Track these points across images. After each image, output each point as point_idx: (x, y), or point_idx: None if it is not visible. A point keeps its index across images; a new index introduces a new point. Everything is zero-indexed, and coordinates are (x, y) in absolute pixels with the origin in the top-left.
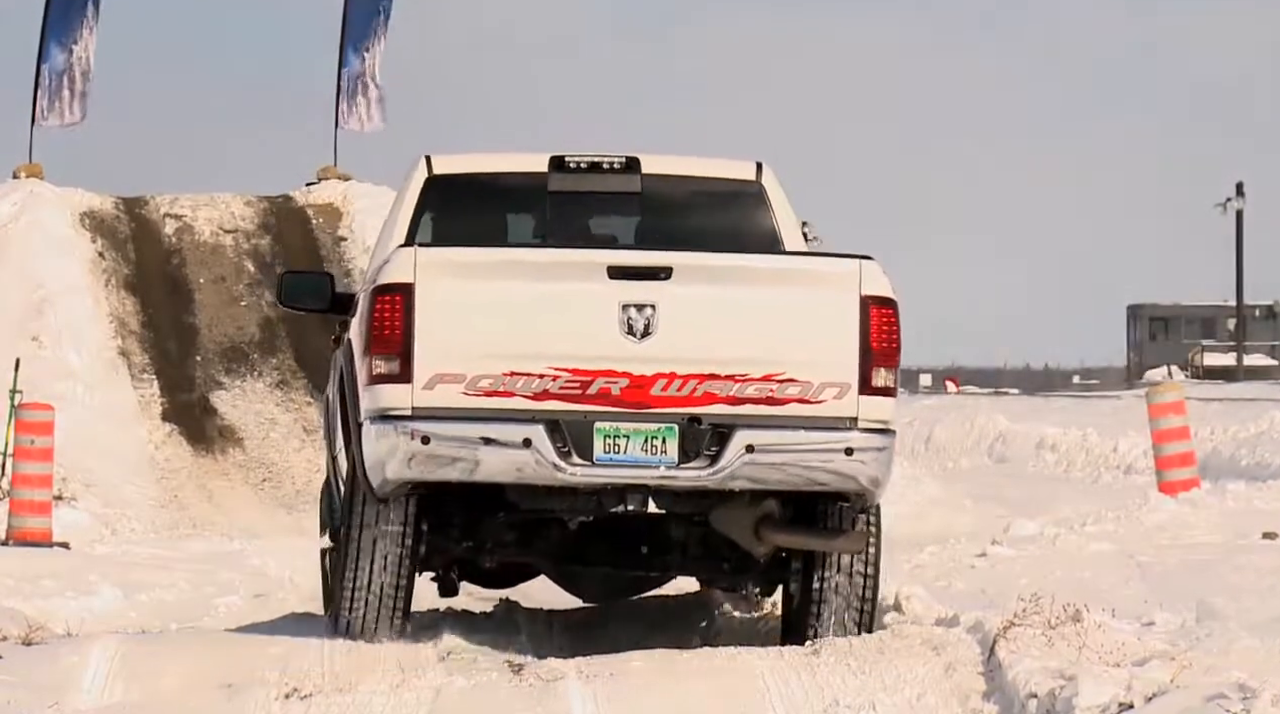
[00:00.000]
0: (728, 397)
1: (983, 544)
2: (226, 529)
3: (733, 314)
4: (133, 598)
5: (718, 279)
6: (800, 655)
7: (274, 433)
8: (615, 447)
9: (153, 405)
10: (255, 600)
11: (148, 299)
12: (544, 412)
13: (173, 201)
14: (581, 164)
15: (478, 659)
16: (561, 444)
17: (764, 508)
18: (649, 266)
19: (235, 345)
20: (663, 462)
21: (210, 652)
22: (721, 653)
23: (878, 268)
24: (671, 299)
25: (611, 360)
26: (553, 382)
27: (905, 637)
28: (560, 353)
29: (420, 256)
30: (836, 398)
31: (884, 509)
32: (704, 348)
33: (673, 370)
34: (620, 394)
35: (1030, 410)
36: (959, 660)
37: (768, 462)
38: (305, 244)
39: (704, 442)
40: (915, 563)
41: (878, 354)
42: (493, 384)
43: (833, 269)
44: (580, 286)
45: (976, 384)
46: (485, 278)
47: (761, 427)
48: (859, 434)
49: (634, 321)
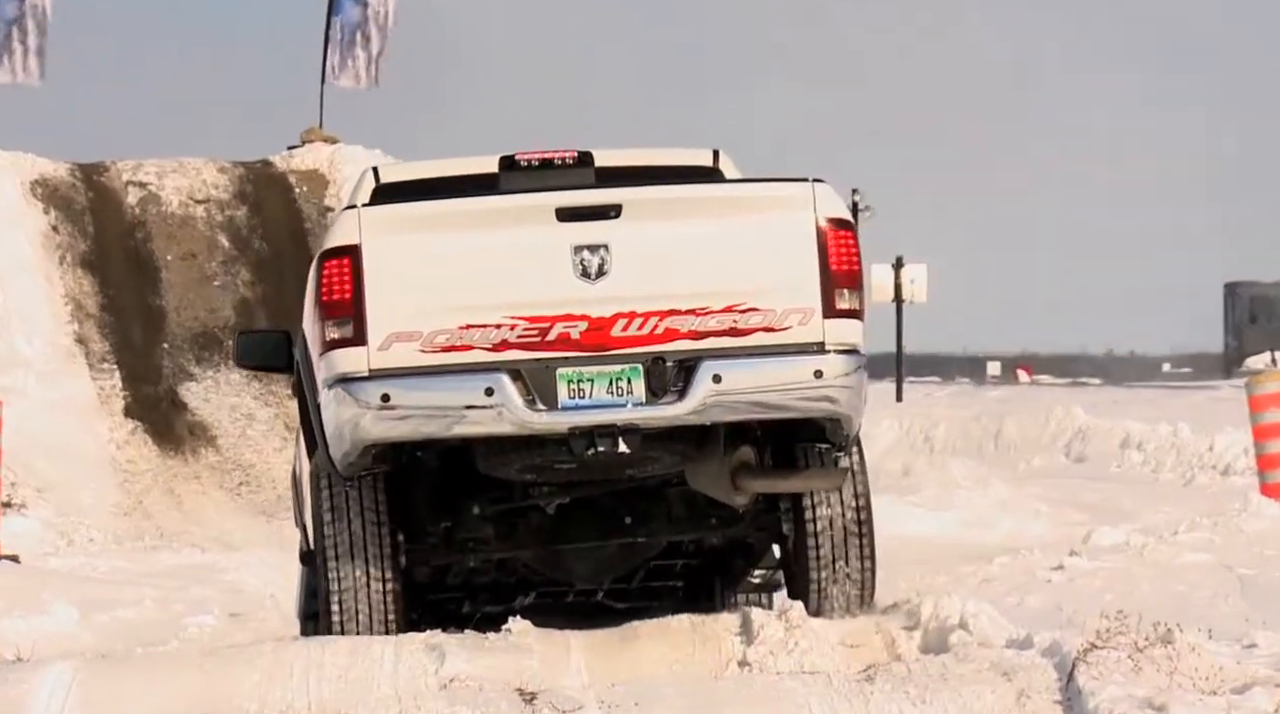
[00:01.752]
0: (690, 331)
1: (1059, 555)
2: (198, 540)
3: (688, 247)
4: (91, 618)
5: (669, 213)
6: (851, 683)
7: (251, 430)
8: (580, 391)
9: (114, 399)
10: (231, 620)
11: (108, 278)
12: (504, 362)
13: (136, 168)
14: (533, 162)
15: (484, 687)
16: (525, 392)
17: (739, 456)
18: (598, 205)
19: (207, 330)
20: (629, 401)
21: (179, 680)
22: (762, 680)
23: (830, 190)
24: (624, 237)
25: (568, 304)
26: (510, 331)
27: (971, 660)
28: (515, 301)
29: (365, 216)
30: (801, 323)
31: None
32: (661, 284)
33: (632, 309)
34: (580, 338)
35: (1113, 403)
36: (1033, 688)
37: (736, 392)
38: (287, 215)
39: (670, 378)
40: (982, 576)
41: (839, 276)
42: (450, 338)
43: (785, 193)
44: (530, 232)
45: (1052, 373)
46: (432, 231)
47: (727, 358)
48: (827, 357)
49: (588, 263)
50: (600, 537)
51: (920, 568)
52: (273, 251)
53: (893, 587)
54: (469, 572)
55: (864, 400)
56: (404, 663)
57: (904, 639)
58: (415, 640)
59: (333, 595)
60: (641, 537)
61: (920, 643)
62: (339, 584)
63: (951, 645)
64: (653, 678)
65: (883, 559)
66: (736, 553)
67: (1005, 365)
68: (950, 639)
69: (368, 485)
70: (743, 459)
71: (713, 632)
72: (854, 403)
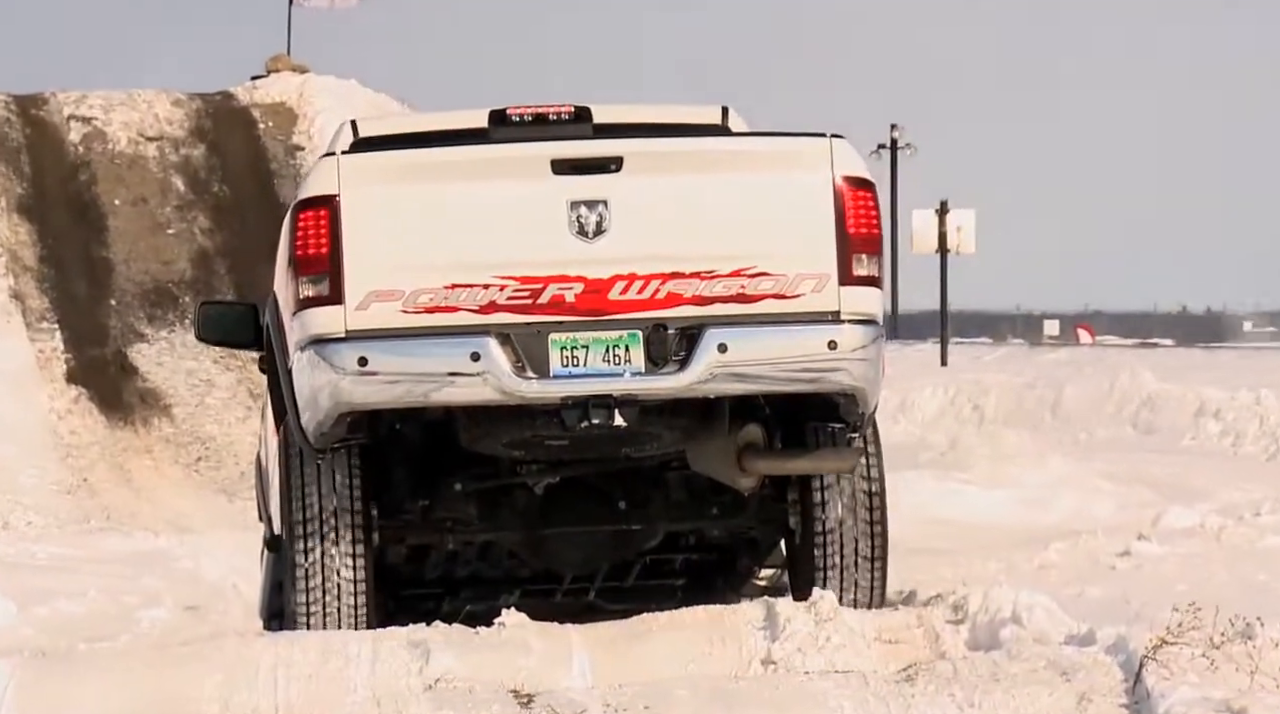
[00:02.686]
0: (694, 296)
1: (1126, 539)
2: (150, 522)
3: (694, 205)
4: (30, 611)
5: (675, 167)
6: (890, 684)
7: (211, 398)
8: (573, 359)
9: (54, 363)
10: (188, 613)
11: (47, 226)
12: (493, 325)
13: (79, 100)
14: (525, 117)
15: (475, 689)
16: (514, 359)
17: (746, 435)
18: (597, 157)
19: (160, 285)
20: (627, 371)
21: (130, 680)
22: (789, 679)
23: (849, 147)
24: (625, 193)
25: (563, 264)
26: (500, 292)
27: (1025, 659)
28: (506, 260)
29: (344, 164)
30: (815, 291)
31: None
32: (664, 244)
33: (631, 271)
34: (575, 301)
35: (1187, 367)
36: (1095, 689)
37: (743, 363)
38: (250, 155)
39: (671, 346)
40: (1039, 563)
41: (857, 240)
42: (434, 299)
43: (801, 149)
44: (523, 185)
45: (1117, 333)
46: (417, 182)
47: (734, 326)
48: (842, 327)
49: (585, 220)
50: (592, 522)
51: (968, 554)
52: (234, 195)
53: (936, 575)
54: (448, 560)
55: (881, 375)
56: (383, 661)
57: (949, 634)
58: (396, 636)
59: (299, 579)
60: (637, 524)
61: (968, 638)
62: (306, 567)
63: (1003, 641)
64: (665, 678)
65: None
66: (741, 549)
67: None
68: (1002, 634)
69: (341, 458)
70: (749, 438)
71: (733, 626)
72: (870, 378)
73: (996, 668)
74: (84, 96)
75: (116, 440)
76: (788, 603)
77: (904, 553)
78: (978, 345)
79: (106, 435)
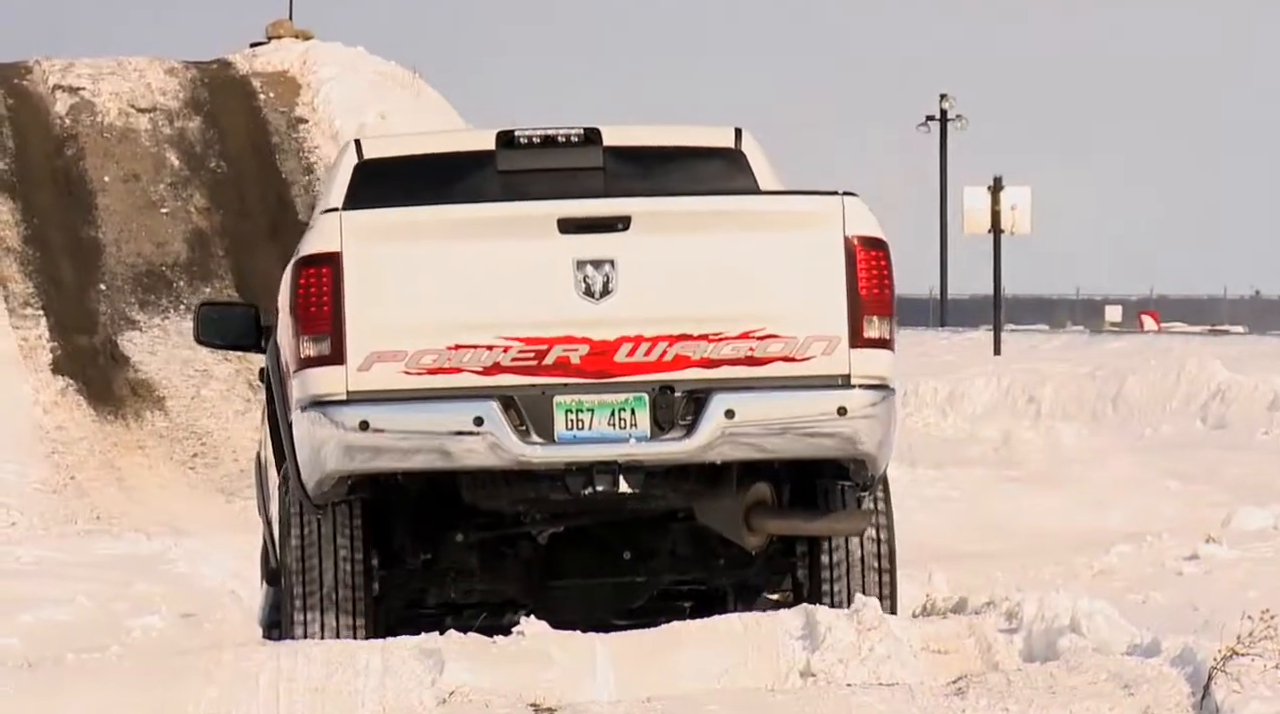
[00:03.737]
0: (702, 359)
1: (1193, 542)
2: (142, 523)
3: (702, 265)
4: (14, 618)
5: (683, 226)
6: (938, 697)
7: (207, 390)
8: (578, 422)
9: (39, 352)
10: (183, 622)
11: (31, 205)
12: (496, 387)
13: (65, 69)
14: (534, 139)
15: (491, 703)
16: (518, 422)
17: (754, 494)
18: (604, 217)
19: (154, 269)
20: (633, 435)
21: (120, 694)
22: (829, 692)
23: (862, 204)
24: (632, 252)
25: (569, 325)
26: (504, 353)
27: (1085, 670)
28: (511, 320)
29: (347, 221)
30: (825, 353)
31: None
32: (672, 305)
33: (638, 332)
34: (581, 363)
35: (1260, 355)
36: (1160, 703)
37: (750, 429)
38: (250, 127)
39: (678, 410)
40: (1099, 567)
41: (868, 302)
42: (437, 360)
43: (811, 208)
44: (528, 244)
45: (1185, 319)
46: (421, 241)
47: (742, 390)
48: (852, 392)
49: (591, 280)
50: (595, 574)
51: (1023, 558)
52: (233, 171)
53: (989, 580)
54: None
55: (893, 437)
56: (394, 673)
57: (1002, 644)
58: (407, 646)
59: (296, 626)
60: (641, 576)
61: (1022, 648)
62: (304, 615)
63: (1061, 652)
64: (695, 692)
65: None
66: (747, 587)
67: (1127, 310)
68: (1059, 644)
69: (342, 509)
70: (758, 496)
71: (769, 635)
72: (881, 443)
73: (1053, 680)
74: (70, 65)
75: (106, 435)
76: (828, 611)
77: (954, 557)
78: (1034, 333)
79: (95, 430)
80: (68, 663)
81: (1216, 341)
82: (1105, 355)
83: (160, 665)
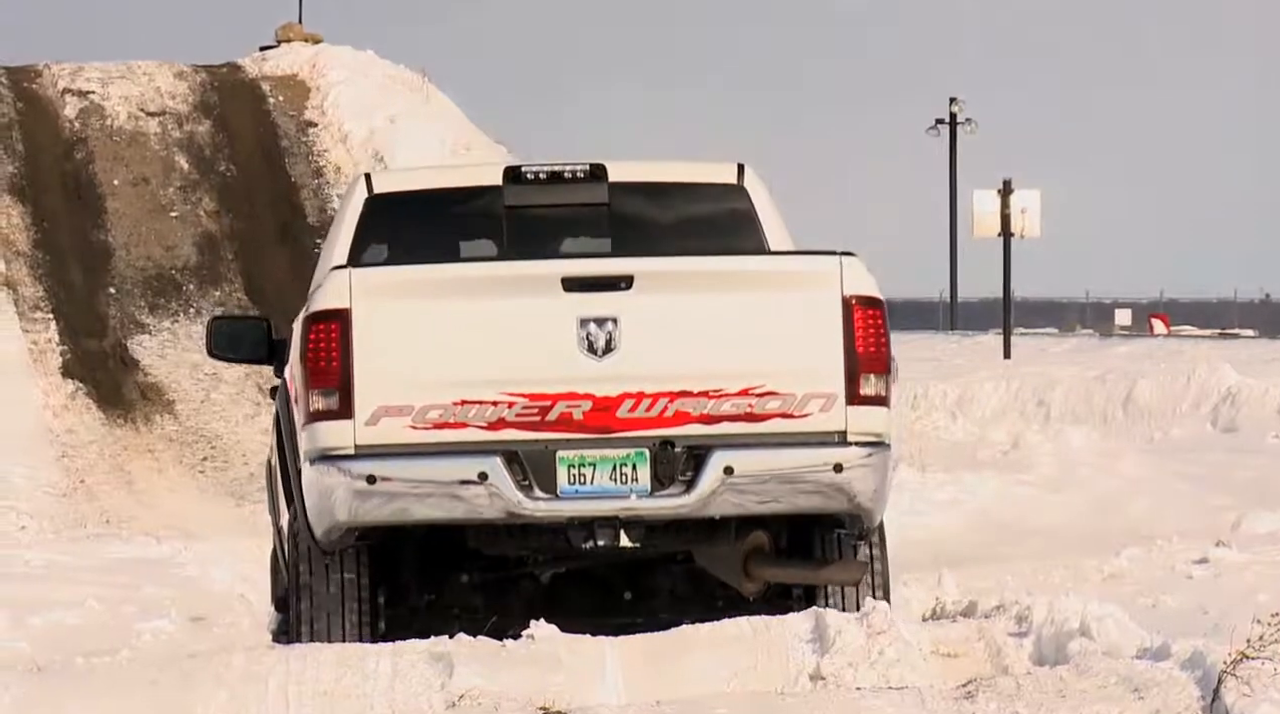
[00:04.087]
0: (702, 415)
1: (1203, 545)
2: (152, 527)
3: (703, 323)
4: (24, 622)
5: (683, 286)
6: (948, 700)
7: (217, 393)
8: (580, 477)
9: (49, 356)
10: (193, 625)
11: (41, 208)
12: (500, 442)
13: (75, 72)
14: (540, 175)
15: (500, 705)
16: (521, 477)
17: (752, 541)
18: (607, 276)
19: (163, 272)
20: (633, 490)
21: (130, 697)
22: (839, 696)
23: (860, 264)
24: (634, 310)
25: (572, 382)
26: (508, 409)
27: (1094, 673)
28: (515, 377)
29: (355, 279)
30: (823, 410)
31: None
32: (673, 362)
33: (640, 389)
34: (583, 418)
35: (1270, 359)
36: (1170, 707)
37: (748, 484)
38: (259, 131)
39: (678, 466)
40: (1109, 571)
41: (865, 360)
42: (442, 415)
43: (810, 268)
44: (533, 302)
45: (1195, 323)
46: (428, 298)
47: (741, 446)
48: (849, 449)
49: (594, 338)
50: (597, 614)
51: (1033, 561)
52: (242, 175)
53: (998, 584)
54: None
55: (887, 493)
56: (403, 676)
57: (1012, 647)
58: (417, 649)
59: None
60: (641, 617)
61: (1032, 652)
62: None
63: (1071, 655)
64: (705, 695)
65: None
66: None
67: (1137, 314)
68: (1069, 648)
69: (350, 558)
70: (756, 544)
71: (779, 638)
72: (877, 497)
73: (1063, 684)
74: (80, 68)
75: (116, 439)
76: (838, 614)
77: (963, 560)
78: (1043, 336)
79: (105, 433)
80: (77, 666)
81: (1226, 345)
82: (1115, 359)
83: (170, 669)
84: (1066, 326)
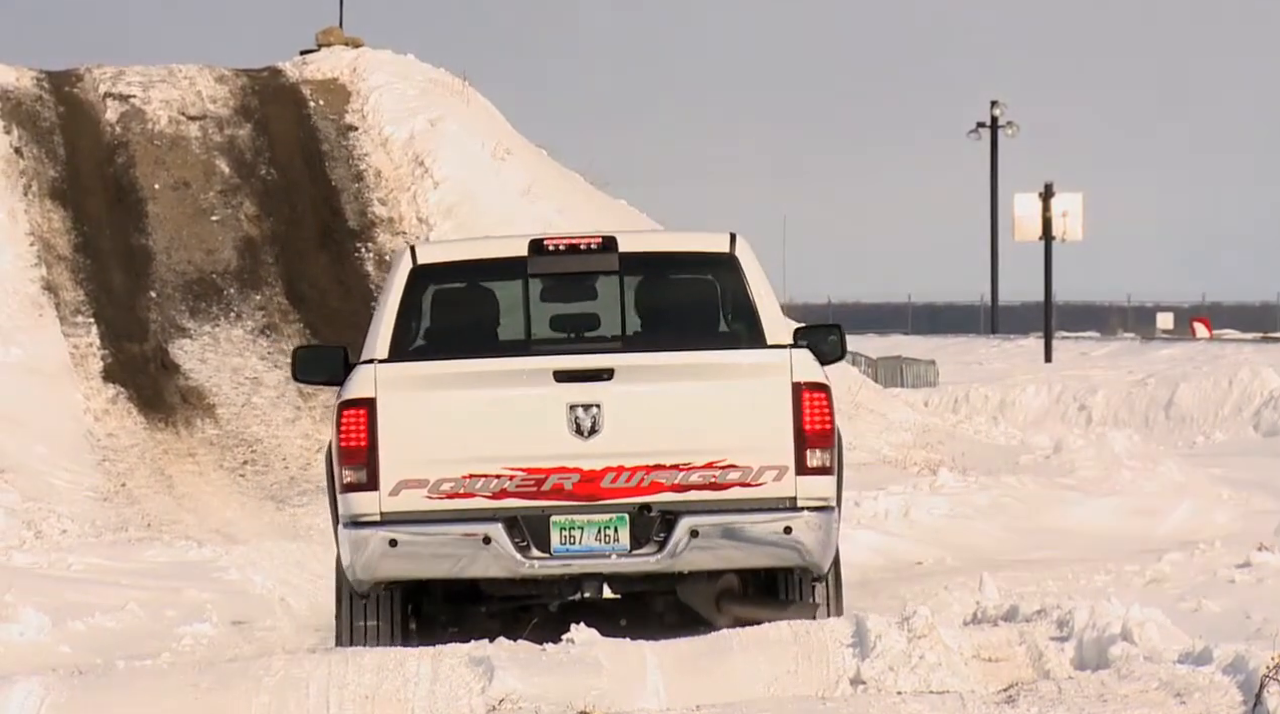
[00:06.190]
0: (674, 485)
1: (1245, 550)
2: (193, 531)
3: (674, 407)
4: (65, 626)
5: (657, 376)
6: (989, 705)
7: (258, 397)
8: (571, 538)
9: (91, 360)
10: (233, 629)
11: (82, 212)
12: (502, 509)
13: (116, 77)
14: (560, 246)
15: (540, 710)
16: (520, 539)
17: (723, 583)
18: (592, 369)
19: (204, 276)
20: (614, 549)
21: (171, 700)
22: (880, 700)
23: (807, 355)
24: (615, 398)
25: (563, 458)
26: (509, 481)
27: (1136, 678)
28: (515, 454)
29: (380, 373)
30: (776, 480)
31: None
32: (649, 440)
33: (620, 463)
34: (573, 488)
35: None
36: (1212, 710)
37: (711, 544)
38: (300, 135)
39: (653, 528)
40: (1151, 575)
41: (812, 436)
42: (454, 486)
43: (765, 360)
44: (529, 391)
45: (1237, 327)
46: (442, 388)
47: (705, 511)
48: (799, 513)
49: (581, 421)
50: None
51: (1074, 565)
52: (283, 178)
53: (1040, 588)
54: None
55: (834, 547)
56: (443, 681)
57: (1053, 652)
58: (457, 653)
59: None
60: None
61: (1073, 656)
62: None
63: (1112, 660)
64: (745, 699)
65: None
66: None
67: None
68: (1111, 652)
69: (385, 598)
70: (726, 585)
71: (819, 642)
72: (822, 551)
73: (1105, 688)
74: (121, 72)
75: (157, 443)
76: (878, 618)
77: (1005, 564)
78: (1085, 340)
79: (146, 437)
80: (118, 670)
81: (1269, 349)
82: (1157, 363)
83: (210, 672)
84: (1108, 330)
